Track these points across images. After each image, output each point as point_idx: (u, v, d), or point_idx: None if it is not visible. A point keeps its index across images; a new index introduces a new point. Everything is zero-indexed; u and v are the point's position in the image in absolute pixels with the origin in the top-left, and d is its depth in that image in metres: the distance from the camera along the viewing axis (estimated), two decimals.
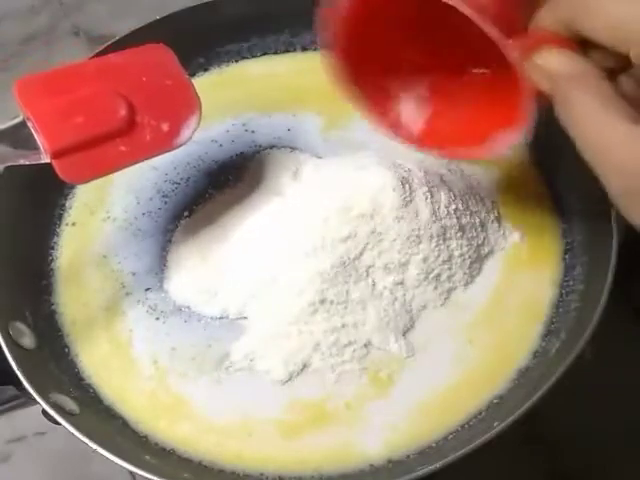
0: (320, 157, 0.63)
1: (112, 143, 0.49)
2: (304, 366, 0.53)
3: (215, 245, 0.59)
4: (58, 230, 0.62)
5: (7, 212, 0.58)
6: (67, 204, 0.63)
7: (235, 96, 0.69)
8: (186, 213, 0.61)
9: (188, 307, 0.57)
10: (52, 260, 0.60)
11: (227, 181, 0.63)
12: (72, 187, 0.64)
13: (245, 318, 0.56)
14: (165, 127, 0.50)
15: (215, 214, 0.60)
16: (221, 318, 0.56)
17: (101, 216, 0.62)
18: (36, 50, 0.82)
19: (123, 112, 0.49)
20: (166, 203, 0.62)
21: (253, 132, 0.66)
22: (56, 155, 0.47)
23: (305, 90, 0.68)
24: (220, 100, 0.68)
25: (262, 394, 0.53)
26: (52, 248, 0.61)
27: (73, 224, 0.62)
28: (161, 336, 0.56)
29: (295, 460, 0.51)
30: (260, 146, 0.65)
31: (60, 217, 0.62)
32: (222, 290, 0.57)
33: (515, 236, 0.59)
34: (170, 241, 0.60)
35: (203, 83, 0.70)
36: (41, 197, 0.61)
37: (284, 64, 0.71)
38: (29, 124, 0.48)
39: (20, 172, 0.58)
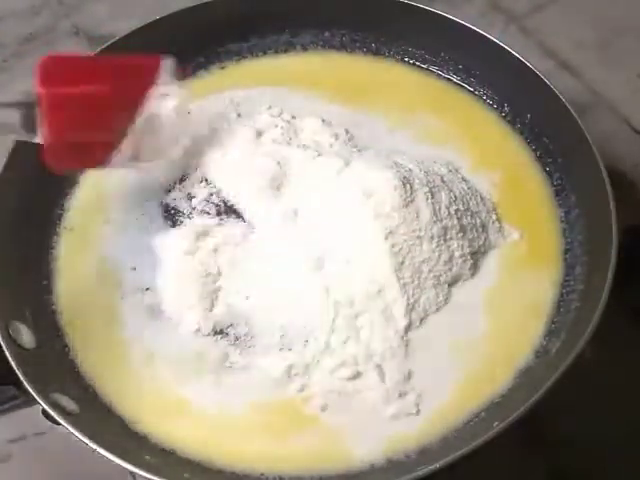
0: (321, 155, 0.62)
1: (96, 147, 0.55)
2: (305, 366, 0.53)
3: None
4: (58, 230, 0.62)
5: (7, 212, 0.58)
6: (67, 204, 0.63)
7: (235, 95, 0.69)
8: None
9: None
10: (52, 260, 0.60)
11: None
12: (72, 187, 0.64)
13: (245, 319, 0.56)
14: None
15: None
16: (221, 318, 0.56)
17: (101, 217, 0.62)
18: (36, 50, 0.82)
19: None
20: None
21: None
22: (49, 146, 0.52)
23: (305, 90, 0.68)
24: (220, 99, 0.68)
25: (261, 394, 0.53)
26: (52, 248, 0.61)
27: (72, 226, 0.62)
28: (160, 336, 0.56)
29: (295, 460, 0.51)
30: None
31: (60, 217, 0.62)
32: (223, 290, 0.57)
33: (515, 236, 0.59)
34: None
35: (204, 82, 0.70)
36: (41, 197, 0.61)
37: (284, 64, 0.71)
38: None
39: (20, 173, 0.59)
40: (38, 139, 0.52)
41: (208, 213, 0.61)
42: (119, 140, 0.55)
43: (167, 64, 0.57)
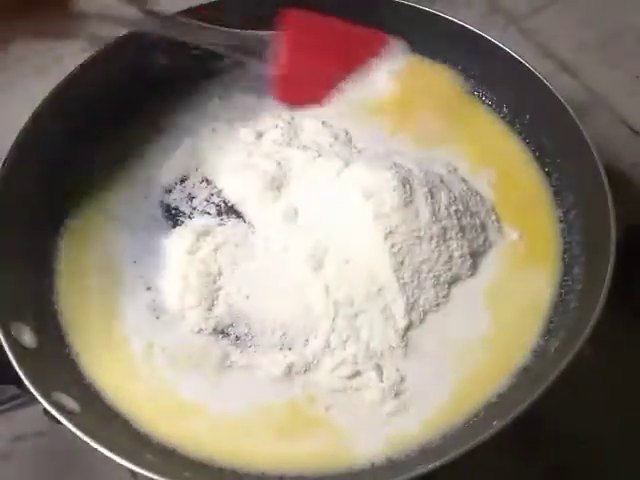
0: (320, 156, 0.63)
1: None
2: (305, 365, 0.54)
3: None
4: (60, 229, 0.62)
5: (9, 212, 0.58)
6: (68, 205, 0.63)
7: None
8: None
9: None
10: (54, 259, 0.60)
11: None
12: (75, 187, 0.64)
13: (246, 318, 0.56)
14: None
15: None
16: (222, 318, 0.56)
17: (102, 217, 0.62)
18: (37, 50, 0.82)
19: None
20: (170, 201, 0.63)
21: None
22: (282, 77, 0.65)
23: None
24: None
25: (262, 393, 0.53)
26: (54, 247, 0.61)
27: (74, 226, 0.62)
28: (161, 335, 0.56)
29: (296, 459, 0.51)
30: None
31: (62, 217, 0.62)
32: (223, 290, 0.57)
33: (514, 236, 0.60)
34: None
35: None
36: (43, 197, 0.61)
37: None
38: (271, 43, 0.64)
39: (22, 173, 0.59)
40: (271, 72, 0.65)
41: (209, 213, 0.62)
42: (334, 87, 0.67)
43: (394, 43, 0.67)
